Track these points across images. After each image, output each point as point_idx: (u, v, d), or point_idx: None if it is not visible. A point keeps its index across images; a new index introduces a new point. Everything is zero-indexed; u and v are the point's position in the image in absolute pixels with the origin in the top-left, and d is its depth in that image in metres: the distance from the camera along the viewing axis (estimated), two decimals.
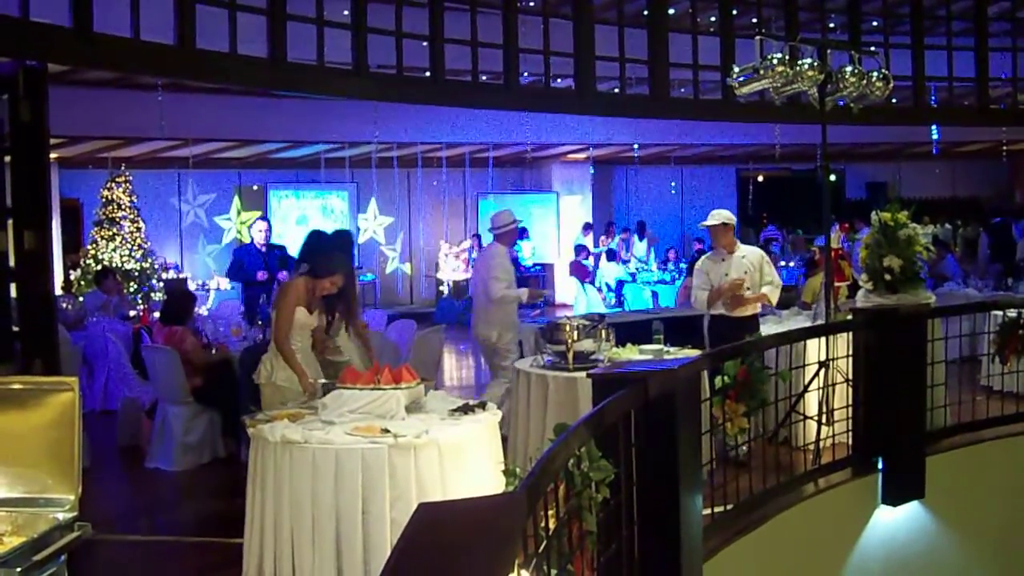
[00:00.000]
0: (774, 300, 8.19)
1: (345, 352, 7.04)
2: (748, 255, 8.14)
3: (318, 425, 5.53)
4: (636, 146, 19.79)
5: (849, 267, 9.19)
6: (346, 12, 10.35)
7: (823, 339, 7.04)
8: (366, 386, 5.78)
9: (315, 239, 7.60)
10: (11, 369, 6.31)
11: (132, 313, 12.67)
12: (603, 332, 7.53)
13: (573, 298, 18.56)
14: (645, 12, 12.74)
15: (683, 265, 18.19)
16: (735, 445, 6.32)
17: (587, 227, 21.46)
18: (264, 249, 10.98)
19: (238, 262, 11.15)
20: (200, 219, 19.10)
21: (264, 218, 12.08)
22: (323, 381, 6.24)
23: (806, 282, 10.75)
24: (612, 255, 19.36)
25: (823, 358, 6.96)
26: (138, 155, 17.46)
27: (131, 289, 15.50)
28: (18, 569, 2.88)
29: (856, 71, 7.84)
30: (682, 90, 14.00)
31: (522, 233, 20.24)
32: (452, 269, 20.12)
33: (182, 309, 9.21)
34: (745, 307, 8.01)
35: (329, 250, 6.84)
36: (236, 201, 19.62)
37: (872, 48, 9.34)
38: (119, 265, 15.81)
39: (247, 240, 11.83)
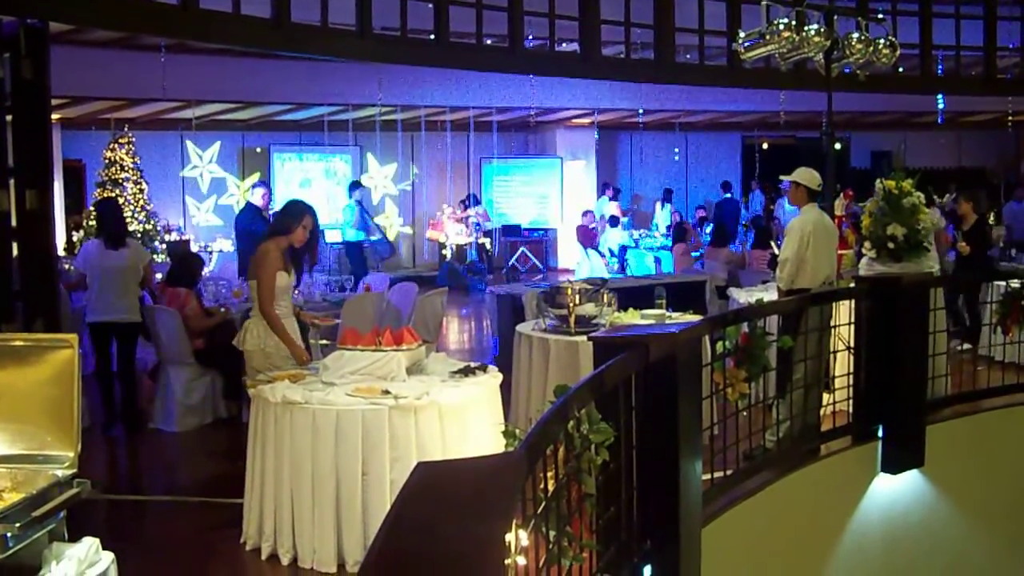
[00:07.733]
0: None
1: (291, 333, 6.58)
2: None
3: (319, 386, 5.55)
4: (641, 111, 19.68)
5: (852, 235, 9.15)
6: None
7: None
8: (367, 347, 5.80)
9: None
10: (13, 328, 6.31)
11: None
12: (605, 296, 7.53)
13: (576, 263, 18.52)
14: None
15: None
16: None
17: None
18: (264, 210, 10.94)
19: (244, 231, 11.12)
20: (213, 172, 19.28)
21: (263, 183, 11.83)
22: (324, 342, 6.24)
23: None
24: (615, 221, 19.27)
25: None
26: (141, 116, 17.39)
27: None
28: (17, 524, 2.89)
29: (863, 38, 7.80)
30: (687, 56, 13.90)
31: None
32: (455, 233, 20.05)
33: (190, 271, 9.21)
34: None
35: (285, 207, 6.69)
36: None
37: (879, 15, 9.28)
38: None
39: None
